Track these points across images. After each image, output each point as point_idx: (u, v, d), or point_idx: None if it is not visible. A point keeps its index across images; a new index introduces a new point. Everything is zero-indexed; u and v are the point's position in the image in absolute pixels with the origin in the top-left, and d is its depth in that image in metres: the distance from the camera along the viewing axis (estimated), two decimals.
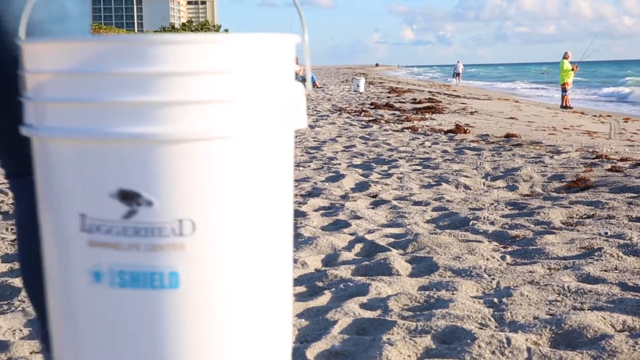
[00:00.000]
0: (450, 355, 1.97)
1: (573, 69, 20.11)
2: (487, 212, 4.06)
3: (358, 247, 3.32)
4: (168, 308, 0.95)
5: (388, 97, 16.68)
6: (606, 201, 4.21)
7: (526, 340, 2.04)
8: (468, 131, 8.92)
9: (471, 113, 12.71)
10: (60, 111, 0.95)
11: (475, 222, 3.78)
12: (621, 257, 3.00)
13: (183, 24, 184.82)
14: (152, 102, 0.92)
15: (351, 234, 3.57)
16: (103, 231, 0.95)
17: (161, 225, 0.94)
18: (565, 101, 20.28)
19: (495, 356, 1.93)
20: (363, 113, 11.83)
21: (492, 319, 2.25)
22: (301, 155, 6.95)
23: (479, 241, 3.38)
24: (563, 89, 20.34)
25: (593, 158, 6.25)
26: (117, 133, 0.91)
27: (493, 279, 2.72)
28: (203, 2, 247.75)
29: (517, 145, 7.45)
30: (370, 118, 11.05)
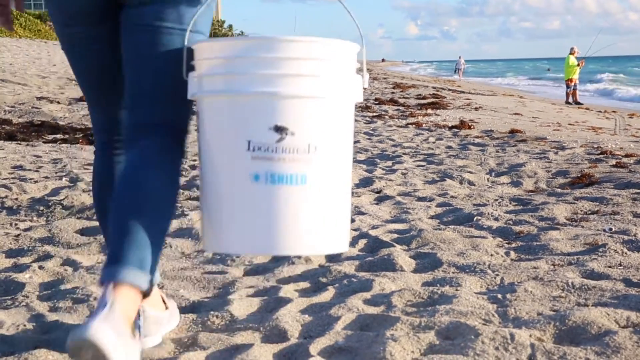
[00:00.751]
0: (453, 351, 1.96)
1: (579, 65, 20.07)
2: (491, 208, 4.05)
3: (362, 243, 3.32)
4: (299, 196, 1.64)
5: (392, 93, 16.66)
6: (611, 197, 4.20)
7: (530, 336, 2.03)
8: (472, 127, 8.90)
9: (475, 109, 12.69)
10: (220, 80, 1.66)
11: (479, 218, 3.78)
12: (625, 253, 2.99)
13: None
14: (282, 74, 1.61)
15: (355, 230, 3.56)
16: (262, 150, 1.62)
17: (298, 147, 1.63)
18: (573, 96, 20.23)
19: (499, 352, 1.93)
20: (367, 109, 11.82)
21: (496, 315, 2.24)
22: None
23: (483, 237, 3.37)
24: (567, 85, 20.29)
25: (598, 154, 6.23)
26: (266, 92, 1.62)
27: (497, 275, 2.72)
28: None
29: (522, 141, 7.43)
30: (374, 114, 11.03)
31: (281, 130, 1.61)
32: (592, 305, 2.31)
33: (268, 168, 1.61)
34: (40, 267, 2.89)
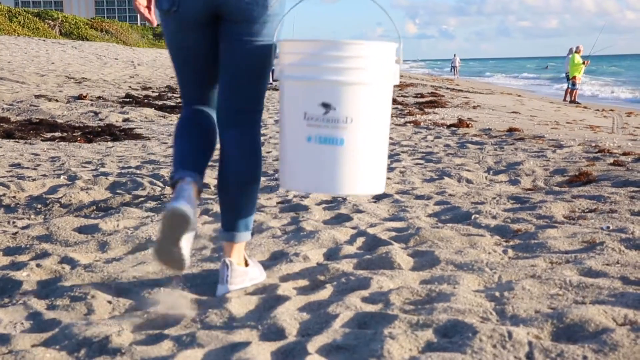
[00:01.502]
0: (451, 349, 1.96)
1: (584, 63, 20.05)
2: (489, 206, 4.05)
3: (360, 241, 3.32)
4: (339, 154, 2.33)
5: None
6: (608, 195, 4.20)
7: (527, 334, 2.03)
8: (470, 125, 8.91)
9: (474, 107, 12.70)
10: (296, 69, 2.36)
11: (477, 216, 3.78)
12: (623, 251, 2.99)
13: None
14: (339, 67, 2.30)
15: (353, 228, 3.57)
16: (313, 120, 2.32)
17: (339, 118, 2.31)
18: (573, 95, 20.21)
19: (496, 350, 1.93)
20: None
21: (494, 313, 2.24)
22: None
23: (481, 235, 3.38)
24: (573, 83, 20.26)
25: (595, 152, 6.24)
26: (326, 80, 2.31)
27: (495, 273, 2.72)
28: None
29: (520, 139, 7.44)
30: None
31: (327, 106, 2.30)
32: (590, 303, 2.32)
33: (317, 132, 2.32)
34: (37, 265, 2.89)
